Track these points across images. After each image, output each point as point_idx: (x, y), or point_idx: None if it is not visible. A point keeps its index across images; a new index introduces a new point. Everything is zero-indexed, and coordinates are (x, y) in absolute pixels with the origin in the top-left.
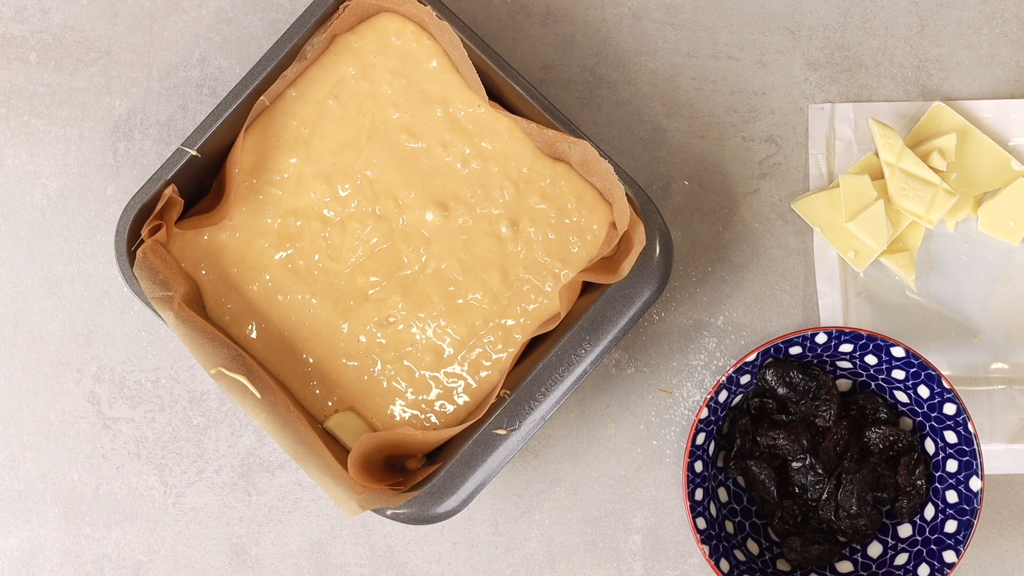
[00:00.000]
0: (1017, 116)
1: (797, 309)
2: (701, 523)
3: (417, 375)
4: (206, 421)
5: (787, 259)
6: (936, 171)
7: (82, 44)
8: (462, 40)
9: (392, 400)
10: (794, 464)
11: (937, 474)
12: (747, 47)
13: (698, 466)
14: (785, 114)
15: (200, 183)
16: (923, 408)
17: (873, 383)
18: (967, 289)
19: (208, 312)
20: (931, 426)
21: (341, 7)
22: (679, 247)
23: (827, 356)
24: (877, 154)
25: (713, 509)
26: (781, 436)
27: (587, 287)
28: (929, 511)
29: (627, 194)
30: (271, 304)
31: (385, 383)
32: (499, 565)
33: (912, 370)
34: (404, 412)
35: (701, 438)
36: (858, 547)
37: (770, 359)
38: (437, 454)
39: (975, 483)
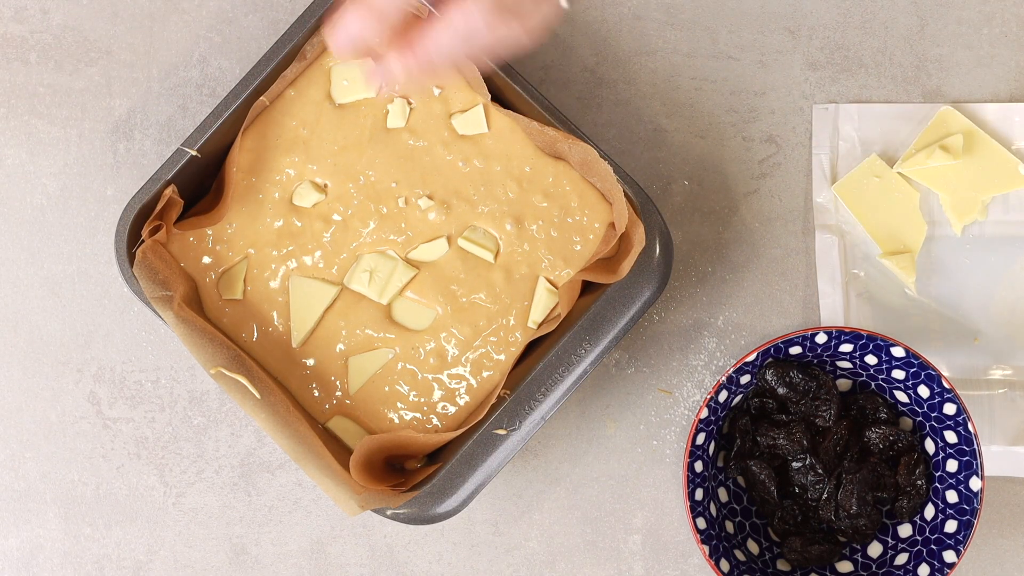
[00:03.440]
0: (1021, 120)
1: (797, 309)
2: (701, 523)
3: (420, 377)
4: (206, 421)
5: (787, 259)
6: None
7: (82, 44)
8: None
9: (393, 405)
10: (794, 464)
11: (937, 474)
12: (747, 47)
13: (698, 466)
14: (785, 114)
15: (200, 183)
16: (923, 408)
17: (873, 383)
18: (968, 291)
19: (206, 312)
20: (931, 426)
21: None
22: (679, 247)
23: (827, 356)
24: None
25: (713, 509)
26: (781, 436)
27: (587, 287)
28: (929, 511)
29: (627, 194)
30: (272, 304)
31: (387, 388)
32: (499, 565)
33: (912, 370)
34: (406, 415)
35: (701, 438)
36: (858, 547)
37: (770, 359)
38: (437, 454)
39: (975, 483)
